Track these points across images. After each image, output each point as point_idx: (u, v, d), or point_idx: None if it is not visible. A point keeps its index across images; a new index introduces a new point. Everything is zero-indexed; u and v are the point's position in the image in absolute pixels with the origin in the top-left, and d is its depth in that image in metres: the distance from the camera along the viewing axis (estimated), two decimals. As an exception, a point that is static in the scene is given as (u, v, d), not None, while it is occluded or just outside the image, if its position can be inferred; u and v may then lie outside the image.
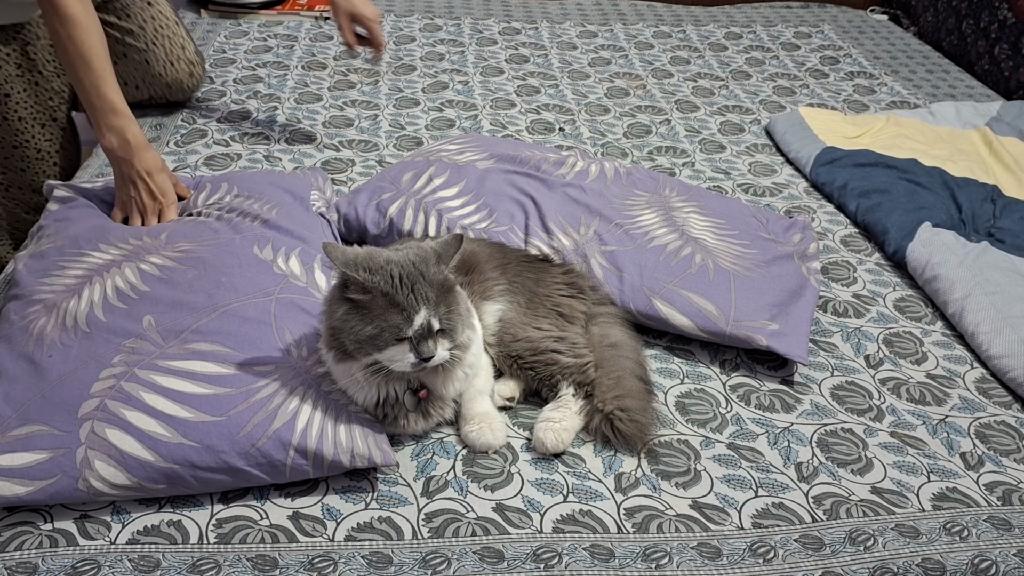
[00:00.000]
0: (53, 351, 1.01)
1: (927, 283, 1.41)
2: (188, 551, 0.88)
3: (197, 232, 1.20)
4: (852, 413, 1.15)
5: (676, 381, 1.18)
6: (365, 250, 0.97)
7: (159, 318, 1.04)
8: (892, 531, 0.98)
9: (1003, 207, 1.63)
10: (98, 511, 0.92)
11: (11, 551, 0.86)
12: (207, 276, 1.11)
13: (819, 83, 2.27)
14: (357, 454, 0.95)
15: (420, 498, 0.97)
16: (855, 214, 1.61)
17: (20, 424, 0.93)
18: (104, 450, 0.90)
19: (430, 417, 1.02)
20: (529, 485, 1.00)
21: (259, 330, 1.04)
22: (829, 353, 1.26)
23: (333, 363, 0.98)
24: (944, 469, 1.08)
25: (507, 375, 1.11)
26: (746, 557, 0.93)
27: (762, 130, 1.97)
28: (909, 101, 2.19)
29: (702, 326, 1.20)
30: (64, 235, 1.22)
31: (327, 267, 1.17)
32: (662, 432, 1.09)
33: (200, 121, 1.78)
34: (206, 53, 2.14)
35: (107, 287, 1.09)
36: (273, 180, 1.40)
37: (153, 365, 0.98)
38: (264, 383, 0.98)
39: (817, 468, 1.06)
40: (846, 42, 2.55)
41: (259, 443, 0.93)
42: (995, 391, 1.22)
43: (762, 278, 1.28)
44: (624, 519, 0.96)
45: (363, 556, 0.89)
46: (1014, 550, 0.97)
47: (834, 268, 1.46)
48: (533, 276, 1.19)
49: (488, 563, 0.90)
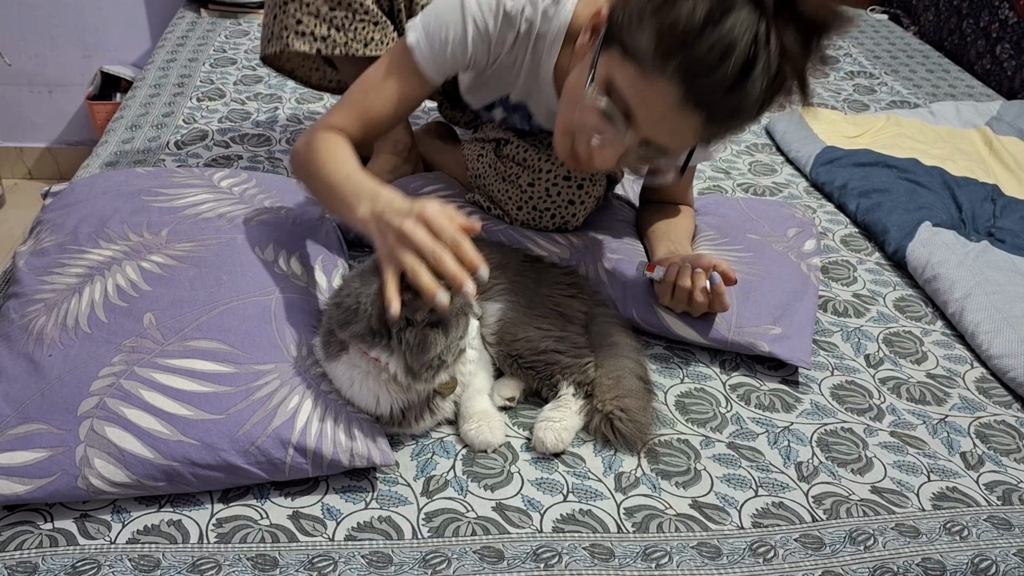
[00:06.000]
0: (53, 350, 1.00)
1: (927, 283, 1.41)
2: (188, 551, 0.88)
3: (199, 231, 1.19)
4: (852, 413, 1.15)
5: (676, 381, 1.18)
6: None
7: (159, 316, 1.04)
8: (892, 531, 0.98)
9: (1003, 207, 1.63)
10: (98, 510, 0.92)
11: (11, 551, 0.86)
12: (208, 275, 1.11)
13: (819, 82, 2.26)
14: (356, 453, 0.95)
15: (420, 498, 0.97)
16: (855, 214, 1.61)
17: (19, 423, 0.93)
18: (103, 448, 0.90)
19: (432, 416, 1.03)
20: (529, 485, 1.00)
21: (259, 328, 1.04)
22: (829, 353, 1.26)
23: (338, 369, 0.98)
24: (944, 469, 1.07)
25: (507, 375, 1.11)
26: (746, 557, 0.93)
27: (762, 129, 1.97)
28: (909, 101, 2.19)
29: (704, 334, 1.20)
30: (64, 231, 1.22)
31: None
32: (662, 432, 1.09)
33: (201, 121, 1.78)
34: (206, 53, 2.14)
35: (108, 286, 1.09)
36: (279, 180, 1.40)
37: (153, 363, 0.98)
38: (264, 381, 0.98)
39: (817, 468, 1.06)
40: (846, 41, 2.55)
41: (258, 441, 0.93)
42: (995, 391, 1.22)
43: (762, 280, 1.28)
44: (624, 519, 0.96)
45: (363, 556, 0.89)
46: (1014, 550, 0.97)
47: (834, 268, 1.46)
48: (534, 276, 1.19)
49: (488, 563, 0.90)
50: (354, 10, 1.32)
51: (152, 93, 1.91)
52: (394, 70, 1.17)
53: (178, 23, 2.34)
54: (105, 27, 2.81)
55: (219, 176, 1.38)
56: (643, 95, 0.95)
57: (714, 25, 0.88)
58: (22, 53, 2.81)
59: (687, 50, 0.90)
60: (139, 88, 1.94)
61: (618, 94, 0.98)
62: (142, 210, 1.25)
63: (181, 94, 1.90)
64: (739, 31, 0.88)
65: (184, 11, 2.42)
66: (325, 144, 1.13)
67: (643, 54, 0.93)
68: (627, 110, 0.98)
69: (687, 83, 0.91)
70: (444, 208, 0.92)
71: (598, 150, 1.03)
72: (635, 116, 0.98)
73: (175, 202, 1.28)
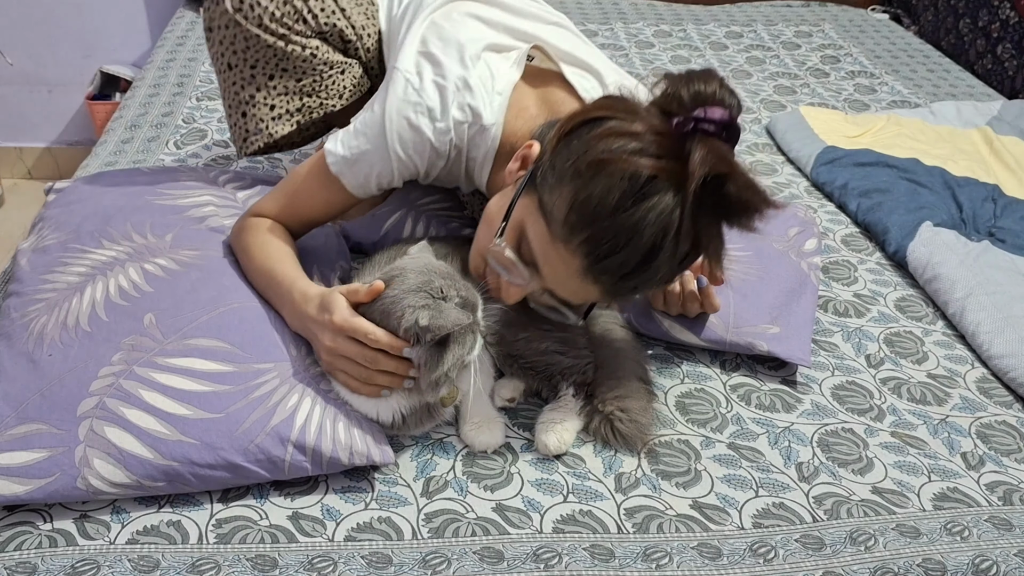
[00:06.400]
0: (53, 350, 1.00)
1: (928, 283, 1.41)
2: (188, 551, 0.88)
3: (203, 239, 1.19)
4: (853, 413, 1.15)
5: (676, 381, 1.18)
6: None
7: (160, 316, 1.04)
8: (893, 531, 0.98)
9: (1004, 207, 1.63)
10: (97, 511, 0.92)
11: (10, 551, 0.86)
12: (211, 279, 1.11)
13: (820, 82, 2.26)
14: (356, 451, 0.94)
15: (420, 498, 0.97)
16: (856, 213, 1.61)
17: (19, 423, 0.93)
18: (103, 448, 0.90)
19: (432, 419, 1.03)
20: (529, 485, 0.99)
21: (259, 328, 1.04)
22: (830, 353, 1.26)
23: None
24: (945, 469, 1.07)
25: (507, 375, 1.11)
26: (746, 557, 0.93)
27: (763, 129, 1.97)
28: (910, 100, 2.19)
29: (702, 336, 1.19)
30: (67, 229, 1.21)
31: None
32: (662, 432, 1.09)
33: (200, 121, 1.78)
34: (205, 53, 2.13)
35: (110, 286, 1.09)
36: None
37: (152, 363, 0.98)
38: (263, 380, 0.98)
39: (818, 468, 1.05)
40: (847, 41, 2.55)
41: (258, 439, 0.93)
42: (996, 391, 1.22)
43: (760, 280, 1.27)
44: (624, 519, 0.96)
45: (363, 556, 0.89)
46: (1015, 550, 0.97)
47: (835, 268, 1.46)
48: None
49: (488, 563, 0.89)
50: (319, 71, 1.29)
51: (151, 93, 1.91)
52: (322, 181, 1.14)
53: (177, 23, 2.34)
54: (105, 27, 2.81)
55: (224, 178, 1.38)
56: (548, 255, 0.95)
57: (625, 210, 0.87)
58: (22, 53, 2.81)
59: (594, 229, 0.88)
60: (138, 88, 1.94)
61: (527, 244, 0.97)
62: (145, 210, 1.25)
63: (180, 94, 1.90)
64: (651, 218, 0.87)
65: (184, 11, 2.41)
66: (253, 234, 1.14)
67: (554, 218, 0.92)
68: (534, 261, 0.97)
69: (589, 259, 0.90)
70: (349, 313, 0.94)
71: (506, 285, 1.02)
72: (540, 269, 0.97)
73: (178, 201, 1.28)
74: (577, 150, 0.91)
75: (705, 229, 0.90)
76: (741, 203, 0.88)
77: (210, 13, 1.26)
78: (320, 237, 1.28)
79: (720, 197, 0.87)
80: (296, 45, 1.26)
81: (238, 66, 1.28)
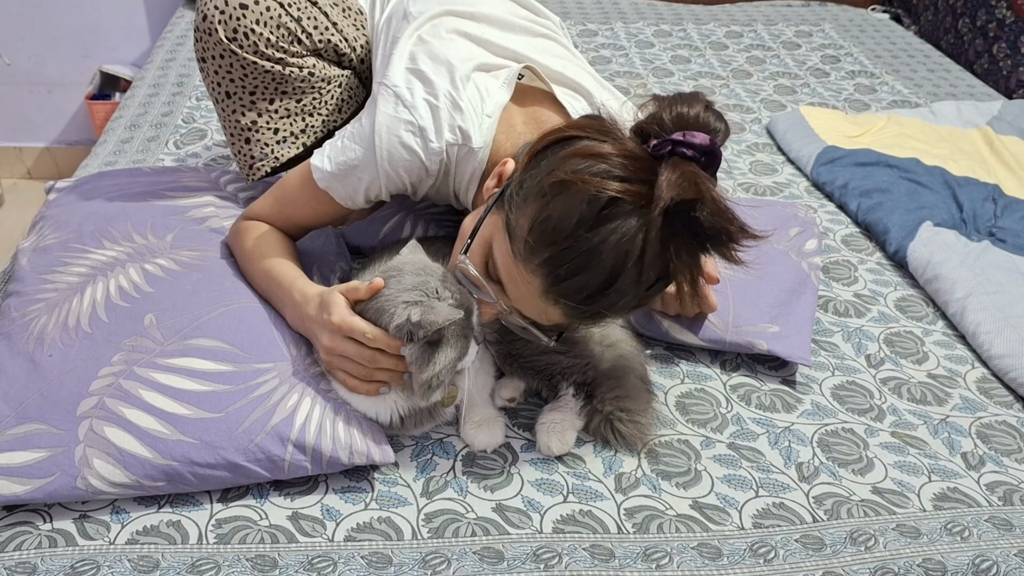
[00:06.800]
0: (53, 350, 1.00)
1: (928, 283, 1.41)
2: (187, 551, 0.88)
3: (203, 240, 1.19)
4: (853, 413, 1.15)
5: (676, 381, 1.18)
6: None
7: (160, 316, 1.04)
8: (893, 531, 0.97)
9: (1004, 206, 1.63)
10: (97, 511, 0.92)
11: (10, 551, 0.86)
12: (211, 280, 1.11)
13: (820, 82, 2.26)
14: (356, 451, 0.94)
15: (420, 498, 0.97)
16: (856, 213, 1.61)
17: (18, 423, 0.93)
18: (103, 448, 0.90)
19: (432, 420, 1.03)
20: (529, 485, 0.99)
21: (259, 328, 1.04)
22: (830, 353, 1.26)
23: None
24: (945, 469, 1.07)
25: (507, 375, 1.11)
26: (747, 557, 0.93)
27: (763, 129, 1.97)
28: (910, 100, 2.18)
29: (701, 335, 1.19)
30: (68, 228, 1.21)
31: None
32: (662, 432, 1.09)
33: (200, 121, 1.78)
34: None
35: (111, 286, 1.09)
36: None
37: (152, 363, 0.98)
38: (263, 380, 0.97)
39: (818, 468, 1.05)
40: (847, 41, 2.55)
41: (258, 439, 0.93)
42: (996, 391, 1.22)
43: (759, 280, 1.27)
44: (624, 519, 0.96)
45: (363, 556, 0.89)
46: (1015, 550, 0.96)
47: (835, 267, 1.46)
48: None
49: (488, 563, 0.89)
50: (317, 88, 1.28)
51: (151, 92, 1.91)
52: (311, 192, 1.13)
53: (177, 22, 2.34)
54: (104, 27, 2.81)
55: (225, 179, 1.38)
56: (511, 274, 0.93)
57: (585, 231, 0.85)
58: (22, 53, 2.81)
59: (552, 250, 0.87)
60: (138, 87, 1.94)
61: (493, 262, 0.96)
62: (146, 210, 1.25)
63: (180, 93, 1.90)
64: (611, 241, 0.85)
65: (183, 10, 2.41)
66: (251, 236, 1.14)
67: (517, 237, 0.90)
68: (499, 279, 0.96)
69: (548, 280, 0.89)
70: (347, 313, 0.95)
71: (478, 302, 1.01)
72: (505, 288, 0.96)
73: (179, 202, 1.28)
74: (544, 169, 0.90)
75: (676, 255, 0.88)
76: (714, 230, 0.86)
77: (203, 44, 1.24)
78: (320, 238, 1.28)
79: (690, 223, 0.85)
80: (293, 67, 1.25)
81: (236, 94, 1.27)
